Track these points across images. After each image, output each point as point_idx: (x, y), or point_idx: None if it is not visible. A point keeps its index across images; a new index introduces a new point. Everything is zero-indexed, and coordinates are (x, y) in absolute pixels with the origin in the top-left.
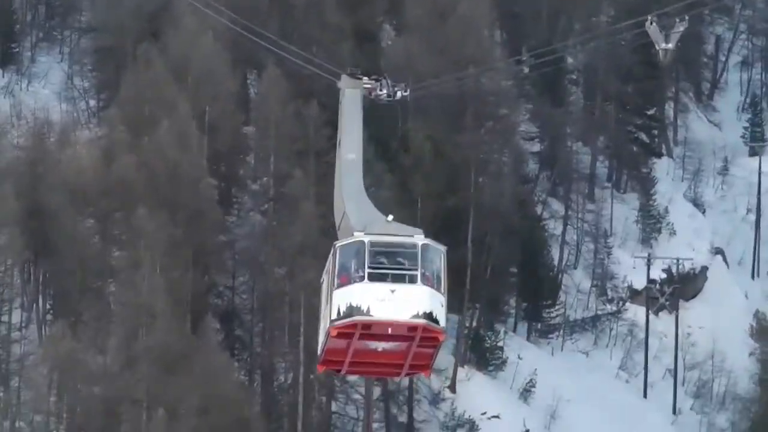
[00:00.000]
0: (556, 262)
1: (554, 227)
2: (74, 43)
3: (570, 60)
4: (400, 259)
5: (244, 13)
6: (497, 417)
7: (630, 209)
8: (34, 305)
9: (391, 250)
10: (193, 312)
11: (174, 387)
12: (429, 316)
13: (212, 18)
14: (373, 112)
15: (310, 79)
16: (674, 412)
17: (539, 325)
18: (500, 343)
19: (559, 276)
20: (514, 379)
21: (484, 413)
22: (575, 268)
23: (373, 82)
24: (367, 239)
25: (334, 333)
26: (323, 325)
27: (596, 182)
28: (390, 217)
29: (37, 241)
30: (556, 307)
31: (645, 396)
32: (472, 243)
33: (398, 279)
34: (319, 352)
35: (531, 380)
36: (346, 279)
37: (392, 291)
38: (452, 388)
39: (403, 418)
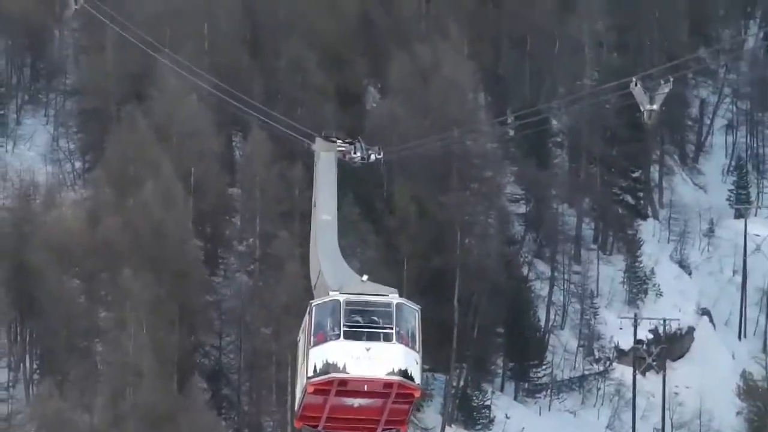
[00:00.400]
0: (542, 323)
1: (541, 288)
2: (59, 106)
3: (555, 122)
4: (375, 318)
5: (227, 74)
6: None
7: (616, 270)
8: (21, 365)
9: (367, 308)
10: (180, 371)
11: None
12: (404, 373)
13: (196, 80)
14: (357, 173)
15: (294, 141)
16: None
17: (526, 385)
18: (488, 402)
19: (546, 336)
20: None
21: None
22: (562, 328)
23: (347, 145)
24: (342, 298)
25: (311, 389)
26: (300, 382)
27: (582, 243)
28: (365, 277)
29: (23, 301)
30: (543, 367)
31: None
32: (458, 303)
33: (373, 337)
34: (296, 408)
35: None
36: (322, 337)
37: (368, 349)
38: None
39: None
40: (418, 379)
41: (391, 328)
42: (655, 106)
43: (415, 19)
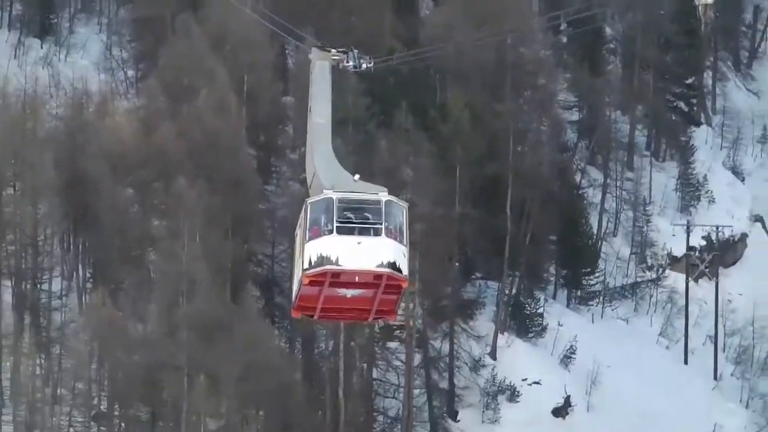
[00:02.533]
0: (595, 230)
1: (593, 195)
2: (112, 14)
3: (608, 29)
4: (365, 214)
5: None
6: (538, 383)
7: (669, 177)
8: (74, 273)
9: (358, 206)
10: (233, 280)
11: (215, 354)
12: (392, 265)
13: None
14: (411, 81)
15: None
16: (715, 377)
17: (579, 292)
18: (540, 310)
19: (599, 243)
20: (555, 345)
21: (525, 379)
22: (614, 235)
23: (341, 54)
24: (335, 196)
25: (306, 281)
26: (296, 274)
27: (635, 150)
28: (357, 177)
29: (77, 211)
30: (596, 275)
31: (686, 362)
32: (511, 211)
33: (364, 232)
34: (293, 298)
35: (571, 347)
36: (316, 232)
37: (359, 243)
38: (493, 354)
39: (443, 385)
40: (405, 271)
41: (381, 224)
42: (710, 1)
43: None
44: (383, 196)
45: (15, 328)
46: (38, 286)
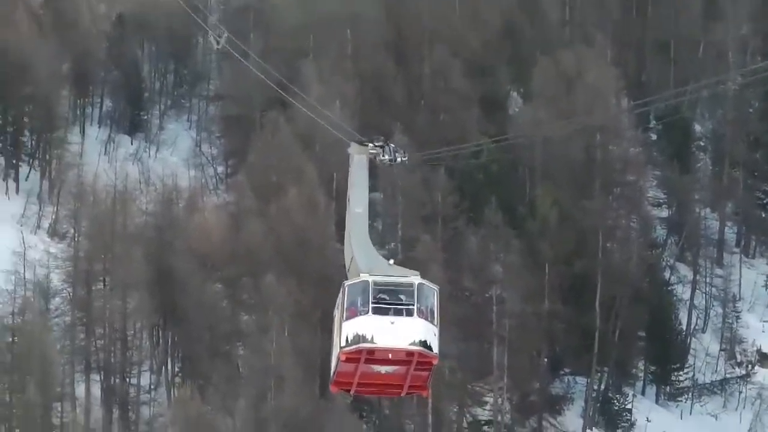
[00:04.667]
0: (684, 326)
1: (682, 292)
2: (202, 111)
3: (698, 126)
4: (399, 296)
5: (371, 82)
6: None
7: (758, 274)
8: (163, 368)
9: (392, 288)
10: (322, 375)
11: None
12: (424, 343)
13: (339, 86)
14: (500, 178)
15: (436, 146)
16: None
17: (668, 388)
18: (629, 406)
19: (688, 340)
20: None
21: None
22: (704, 332)
23: (378, 148)
24: (371, 279)
25: (343, 358)
26: (335, 352)
27: (724, 247)
28: (391, 261)
29: (166, 305)
30: (685, 371)
31: None
32: (600, 307)
33: (398, 312)
34: (331, 374)
35: None
36: (353, 312)
37: (392, 323)
38: None
39: None
40: (435, 349)
41: (413, 305)
42: None
43: (559, 25)
44: (416, 279)
45: (104, 421)
46: (127, 380)
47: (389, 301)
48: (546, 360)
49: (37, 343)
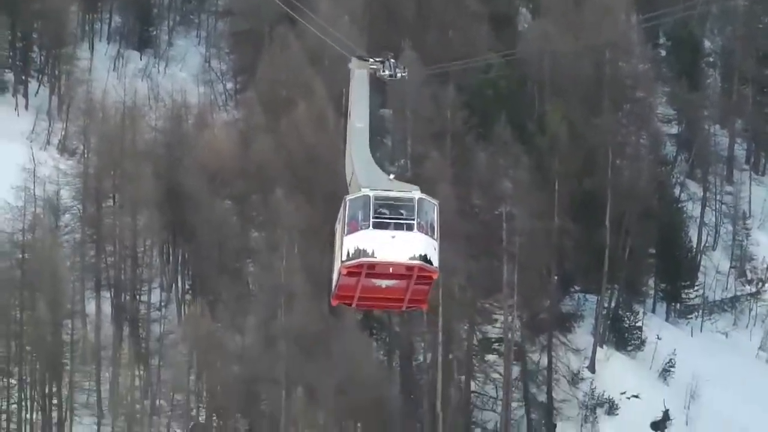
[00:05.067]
0: (694, 244)
1: (692, 209)
2: (211, 27)
3: (707, 42)
4: (399, 211)
5: None
6: (637, 396)
7: None
8: (173, 285)
9: (392, 203)
10: (331, 293)
11: (313, 367)
12: (424, 258)
13: (348, 2)
14: (509, 94)
15: (445, 62)
16: None
17: (678, 306)
18: (639, 324)
19: (698, 257)
20: (653, 359)
21: (624, 393)
22: (714, 249)
23: (378, 63)
24: (372, 194)
25: (344, 272)
26: (336, 266)
27: (734, 164)
28: (392, 176)
29: (176, 223)
30: (695, 288)
31: None
32: (609, 225)
33: (398, 227)
34: (332, 288)
35: (670, 360)
36: (354, 227)
37: (393, 237)
38: (591, 368)
39: (542, 398)
40: (435, 263)
41: (413, 220)
42: None
43: None
44: (416, 194)
45: (114, 339)
46: (137, 297)
47: (390, 215)
48: (556, 277)
49: (47, 259)
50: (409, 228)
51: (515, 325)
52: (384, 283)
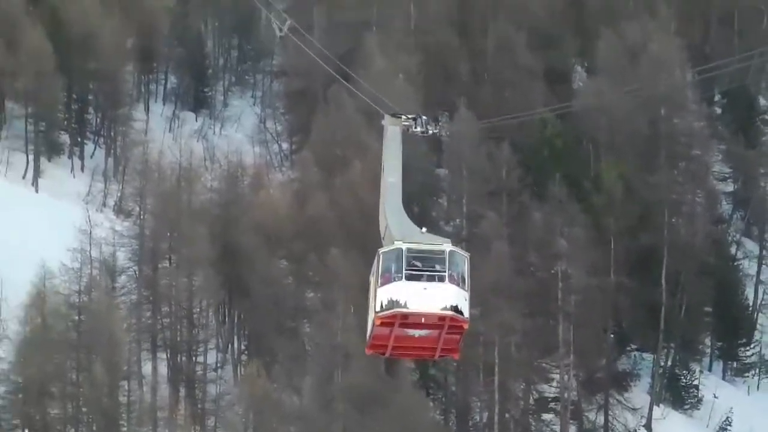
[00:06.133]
0: (750, 302)
1: (749, 267)
2: (266, 87)
3: (762, 100)
4: (431, 263)
5: (434, 55)
6: None
7: None
8: (230, 346)
9: (424, 255)
10: None
11: (370, 426)
12: (455, 308)
13: (403, 60)
14: (564, 152)
15: (501, 120)
16: None
17: (735, 364)
18: (696, 382)
19: (755, 315)
20: (710, 417)
21: None
22: None
23: (411, 120)
24: (404, 246)
25: (378, 322)
26: (370, 316)
27: None
28: (424, 230)
29: (232, 283)
30: (752, 346)
31: None
32: (666, 282)
33: (430, 279)
34: (367, 338)
35: (727, 418)
36: (388, 278)
37: (425, 288)
38: (648, 426)
39: None
40: (466, 314)
41: (445, 271)
42: None
43: None
44: (447, 246)
45: (170, 400)
46: (194, 358)
47: (422, 267)
48: (612, 336)
49: (104, 321)
50: (441, 279)
51: (572, 384)
52: (417, 332)
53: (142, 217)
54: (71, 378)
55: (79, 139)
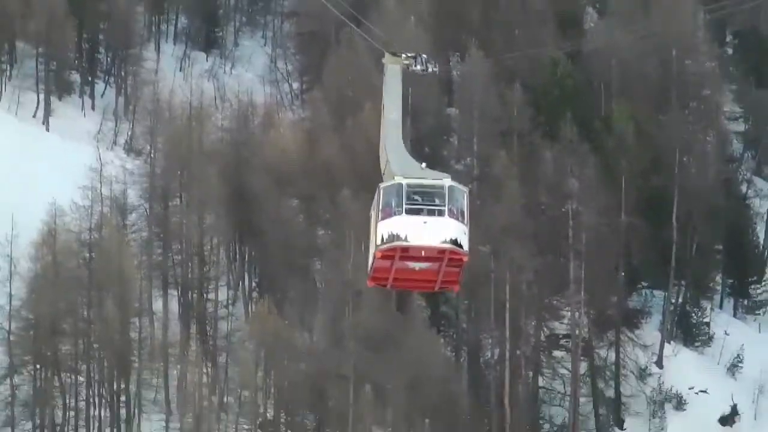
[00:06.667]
0: (761, 240)
1: (760, 205)
2: (277, 28)
3: None
4: (431, 197)
5: None
6: (705, 392)
7: None
8: (241, 283)
9: (424, 190)
10: (399, 291)
11: (381, 364)
12: (454, 242)
13: (414, 2)
14: (575, 93)
15: (512, 60)
16: None
17: (746, 302)
18: (706, 319)
19: (765, 253)
20: (721, 354)
21: (692, 388)
22: None
23: (411, 58)
24: (405, 181)
25: (379, 255)
26: (371, 250)
27: None
28: (423, 165)
29: (242, 221)
30: (763, 284)
31: None
32: (677, 221)
33: (430, 213)
34: (368, 271)
35: (738, 356)
36: (388, 213)
37: (425, 222)
38: (659, 363)
39: (610, 393)
40: (466, 247)
41: (444, 206)
42: None
43: None
44: (447, 181)
45: (181, 337)
46: (204, 295)
47: (422, 202)
48: (623, 274)
49: (115, 258)
50: (440, 214)
51: (583, 322)
52: (417, 265)
53: (152, 155)
54: (82, 315)
55: (89, 79)
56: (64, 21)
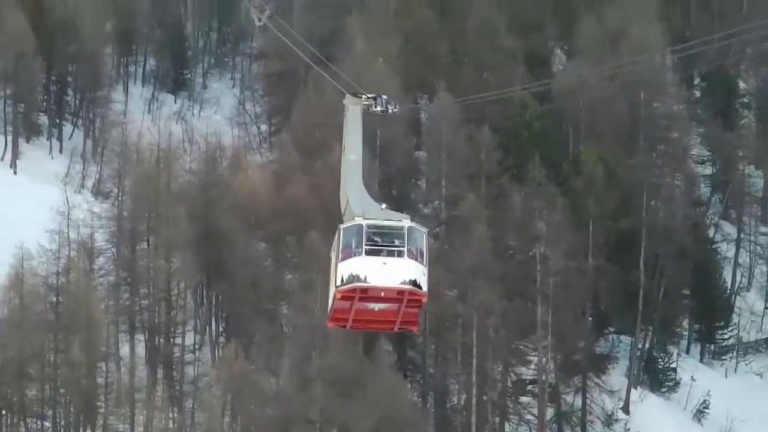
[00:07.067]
0: (729, 285)
1: (727, 249)
2: (245, 69)
3: (742, 83)
4: (390, 239)
5: (415, 38)
6: None
7: None
8: (207, 327)
9: (384, 231)
10: (366, 334)
11: (347, 408)
12: (413, 282)
13: (383, 43)
14: (544, 135)
15: (481, 103)
16: None
17: (712, 347)
18: (673, 365)
19: (732, 298)
20: (688, 400)
21: None
22: (748, 290)
23: (371, 99)
24: (364, 222)
25: (339, 296)
26: (331, 291)
27: None
28: (383, 206)
29: (210, 264)
30: (730, 329)
31: None
32: (644, 265)
33: (389, 253)
34: (328, 311)
35: (705, 401)
36: (348, 254)
37: (384, 263)
38: (626, 409)
39: None
40: (425, 287)
41: (404, 247)
42: None
43: None
44: (406, 222)
45: (148, 381)
46: (171, 340)
47: (381, 243)
48: (590, 318)
49: (82, 302)
50: (400, 254)
51: (549, 367)
52: (376, 306)
53: (120, 198)
54: (49, 359)
55: (57, 121)
56: (32, 62)
